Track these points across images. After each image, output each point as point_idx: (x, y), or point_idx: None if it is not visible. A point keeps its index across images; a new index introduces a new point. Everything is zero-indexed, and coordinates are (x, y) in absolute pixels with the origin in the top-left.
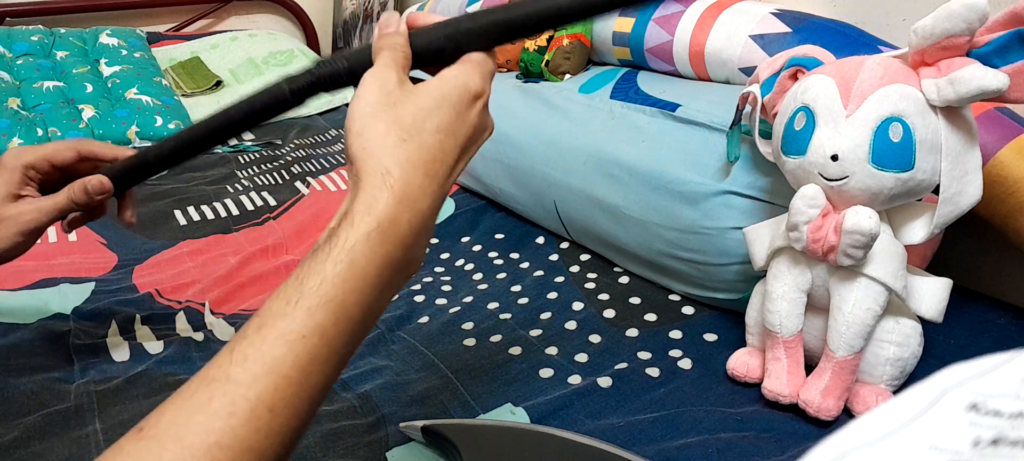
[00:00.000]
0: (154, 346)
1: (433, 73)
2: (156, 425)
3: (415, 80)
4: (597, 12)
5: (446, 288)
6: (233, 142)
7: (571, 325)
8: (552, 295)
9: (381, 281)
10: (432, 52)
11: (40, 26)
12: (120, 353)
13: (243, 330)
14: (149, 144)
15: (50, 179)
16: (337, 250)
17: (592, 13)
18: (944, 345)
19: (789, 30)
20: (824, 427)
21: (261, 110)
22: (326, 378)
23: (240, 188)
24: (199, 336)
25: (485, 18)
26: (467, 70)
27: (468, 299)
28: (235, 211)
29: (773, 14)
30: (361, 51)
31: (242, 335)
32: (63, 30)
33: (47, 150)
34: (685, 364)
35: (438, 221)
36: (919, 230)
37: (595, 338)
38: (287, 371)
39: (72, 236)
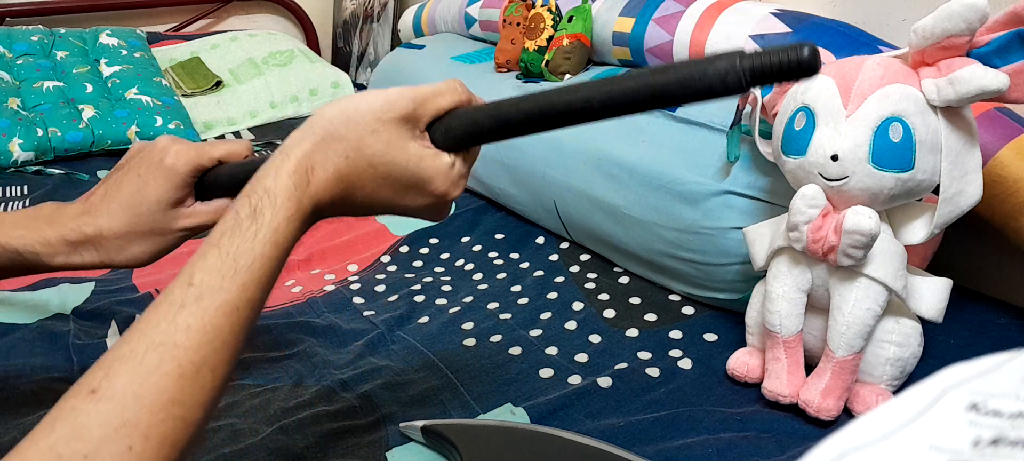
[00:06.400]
0: None
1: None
2: (111, 387)
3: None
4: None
5: (446, 288)
6: None
7: (571, 325)
8: (552, 295)
9: (285, 261)
10: (473, 134)
11: (40, 26)
12: None
13: (180, 299)
14: None
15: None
16: (264, 230)
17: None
18: (944, 345)
19: (789, 30)
20: (824, 427)
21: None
22: (248, 338)
23: None
24: None
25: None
26: (454, 177)
27: (468, 299)
28: None
29: (773, 14)
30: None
31: (180, 304)
32: (63, 30)
33: (203, 152)
34: (685, 364)
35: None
36: (919, 230)
37: (595, 338)
38: (225, 337)
39: None
